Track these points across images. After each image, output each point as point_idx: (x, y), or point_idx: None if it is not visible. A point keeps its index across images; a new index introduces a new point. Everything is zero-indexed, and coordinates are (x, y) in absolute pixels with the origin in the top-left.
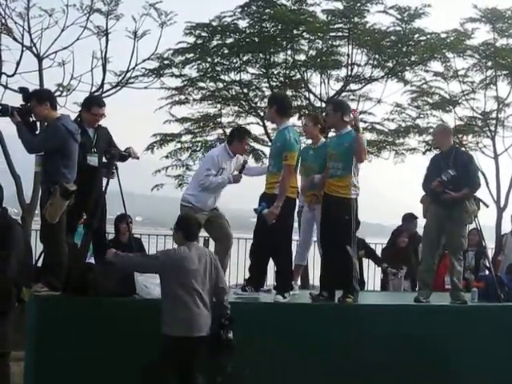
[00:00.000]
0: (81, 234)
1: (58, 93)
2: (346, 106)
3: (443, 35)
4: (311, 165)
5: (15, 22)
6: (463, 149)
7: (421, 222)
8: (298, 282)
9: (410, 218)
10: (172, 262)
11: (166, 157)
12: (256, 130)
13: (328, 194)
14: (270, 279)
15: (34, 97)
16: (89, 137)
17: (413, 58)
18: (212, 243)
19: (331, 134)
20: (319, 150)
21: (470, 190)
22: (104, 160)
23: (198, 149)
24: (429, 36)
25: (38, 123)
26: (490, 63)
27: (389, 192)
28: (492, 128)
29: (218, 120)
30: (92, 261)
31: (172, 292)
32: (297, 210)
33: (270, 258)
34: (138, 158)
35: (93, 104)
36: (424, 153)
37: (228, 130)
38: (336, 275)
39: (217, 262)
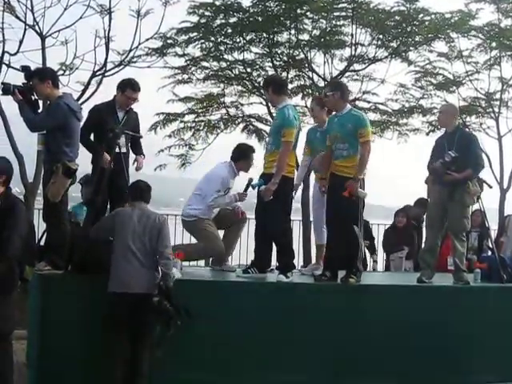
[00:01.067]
0: (84, 212)
1: (60, 72)
2: (343, 86)
3: (447, 15)
4: (318, 147)
5: (18, 1)
6: (467, 129)
7: None
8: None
9: (420, 204)
10: (115, 220)
11: (169, 136)
12: (259, 109)
13: (335, 174)
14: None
15: (36, 75)
16: (116, 118)
17: (417, 38)
18: None
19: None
20: (326, 132)
21: (473, 171)
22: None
23: (200, 128)
24: (433, 16)
25: (41, 102)
26: (494, 44)
27: (387, 172)
28: (496, 109)
29: (222, 100)
30: None
31: (114, 249)
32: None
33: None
34: (138, 169)
35: (127, 87)
36: (427, 133)
37: (231, 110)
38: (341, 255)
39: (162, 225)
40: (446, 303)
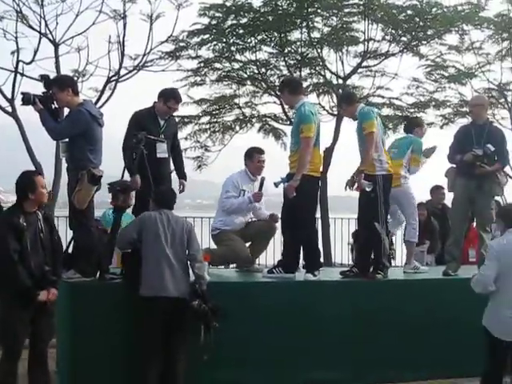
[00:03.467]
0: (111, 219)
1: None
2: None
3: (459, 8)
4: None
5: (31, 9)
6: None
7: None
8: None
9: (437, 190)
10: (141, 224)
11: (186, 138)
12: (274, 109)
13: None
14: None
15: (56, 83)
16: (158, 124)
17: (429, 32)
18: None
19: None
20: None
21: (501, 166)
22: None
23: (216, 130)
24: (445, 9)
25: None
26: (505, 35)
27: None
28: (509, 99)
29: (235, 100)
30: None
31: (143, 254)
32: None
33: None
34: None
35: (171, 97)
36: (441, 127)
37: (245, 111)
38: (365, 251)
39: (191, 229)
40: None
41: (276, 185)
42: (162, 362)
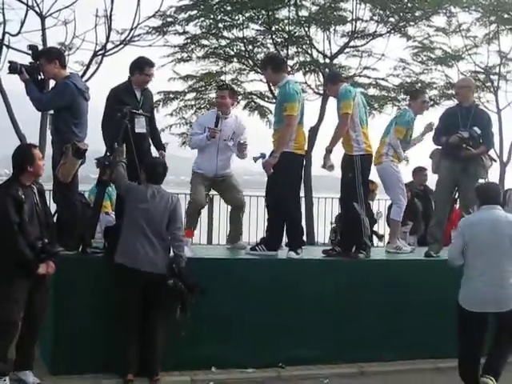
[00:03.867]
0: (94, 191)
1: None
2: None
3: None
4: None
5: None
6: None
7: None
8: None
9: (419, 171)
10: (127, 195)
11: (171, 114)
12: (260, 87)
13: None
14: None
15: (44, 55)
16: (136, 98)
17: (417, 13)
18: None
19: None
20: None
21: (486, 148)
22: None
23: (202, 106)
24: None
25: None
26: (493, 18)
27: None
28: (495, 83)
29: (222, 78)
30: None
31: (123, 223)
32: None
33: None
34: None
35: (145, 65)
36: (427, 108)
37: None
38: (346, 231)
39: (175, 206)
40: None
41: (255, 160)
42: (142, 336)
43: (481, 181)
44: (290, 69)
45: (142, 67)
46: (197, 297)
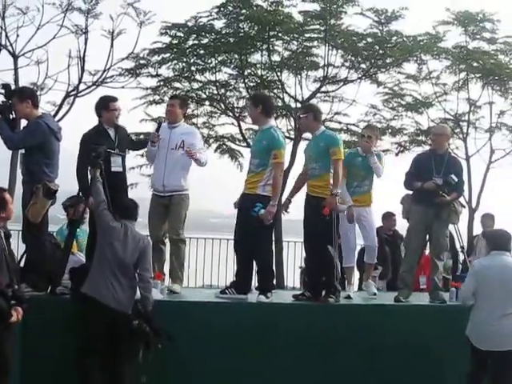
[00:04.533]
0: (65, 233)
1: None
2: (316, 108)
3: (419, 38)
4: (359, 171)
5: None
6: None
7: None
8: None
9: (389, 216)
10: (102, 230)
11: (142, 155)
12: (231, 129)
13: (308, 195)
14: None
15: (16, 94)
16: (111, 138)
17: (388, 60)
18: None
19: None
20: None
21: (458, 195)
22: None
23: None
24: (405, 38)
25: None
26: (462, 66)
27: None
28: (464, 130)
29: (193, 120)
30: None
31: (94, 256)
32: None
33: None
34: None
35: (108, 101)
36: (397, 154)
37: (203, 131)
38: (317, 275)
39: (145, 247)
40: (424, 322)
41: (255, 213)
42: (104, 371)
43: (451, 226)
44: None
45: (106, 105)
46: (163, 342)
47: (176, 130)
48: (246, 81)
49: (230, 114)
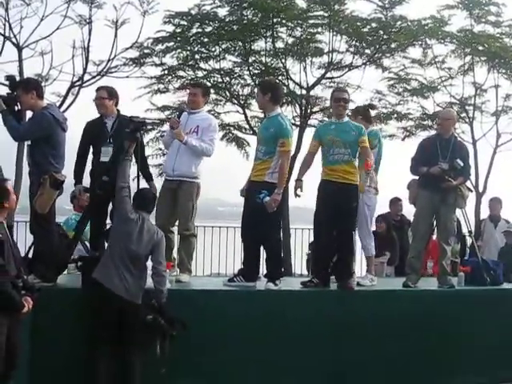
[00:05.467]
0: (73, 224)
1: None
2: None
3: (423, 22)
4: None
5: None
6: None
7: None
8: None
9: (395, 201)
10: (120, 218)
11: (147, 144)
12: (236, 117)
13: (328, 181)
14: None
15: (21, 86)
16: (106, 129)
17: (393, 45)
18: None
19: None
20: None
21: (464, 179)
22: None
23: None
24: (410, 23)
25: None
26: (467, 49)
27: None
28: (470, 114)
29: None
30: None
31: (108, 243)
32: None
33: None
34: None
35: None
36: (403, 139)
37: None
38: (324, 262)
39: (160, 240)
40: (433, 307)
41: (259, 199)
42: (114, 360)
43: (458, 211)
44: None
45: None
46: (178, 331)
47: (194, 116)
48: (251, 68)
49: (235, 101)
